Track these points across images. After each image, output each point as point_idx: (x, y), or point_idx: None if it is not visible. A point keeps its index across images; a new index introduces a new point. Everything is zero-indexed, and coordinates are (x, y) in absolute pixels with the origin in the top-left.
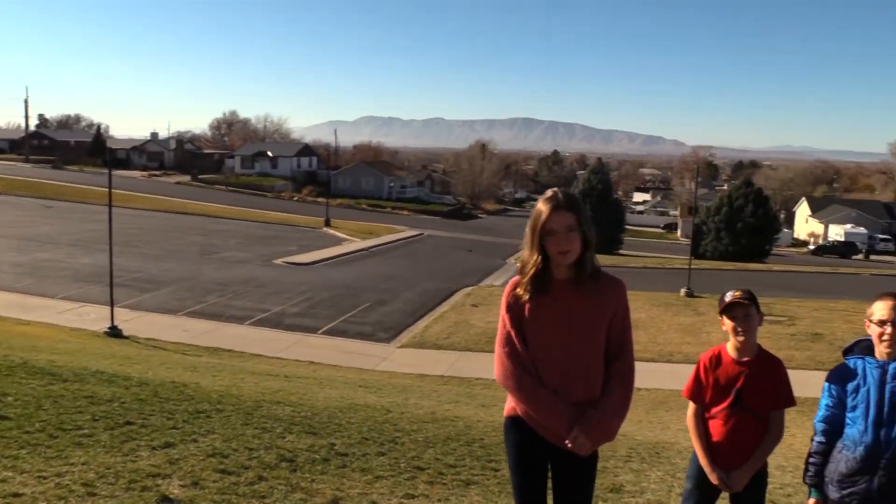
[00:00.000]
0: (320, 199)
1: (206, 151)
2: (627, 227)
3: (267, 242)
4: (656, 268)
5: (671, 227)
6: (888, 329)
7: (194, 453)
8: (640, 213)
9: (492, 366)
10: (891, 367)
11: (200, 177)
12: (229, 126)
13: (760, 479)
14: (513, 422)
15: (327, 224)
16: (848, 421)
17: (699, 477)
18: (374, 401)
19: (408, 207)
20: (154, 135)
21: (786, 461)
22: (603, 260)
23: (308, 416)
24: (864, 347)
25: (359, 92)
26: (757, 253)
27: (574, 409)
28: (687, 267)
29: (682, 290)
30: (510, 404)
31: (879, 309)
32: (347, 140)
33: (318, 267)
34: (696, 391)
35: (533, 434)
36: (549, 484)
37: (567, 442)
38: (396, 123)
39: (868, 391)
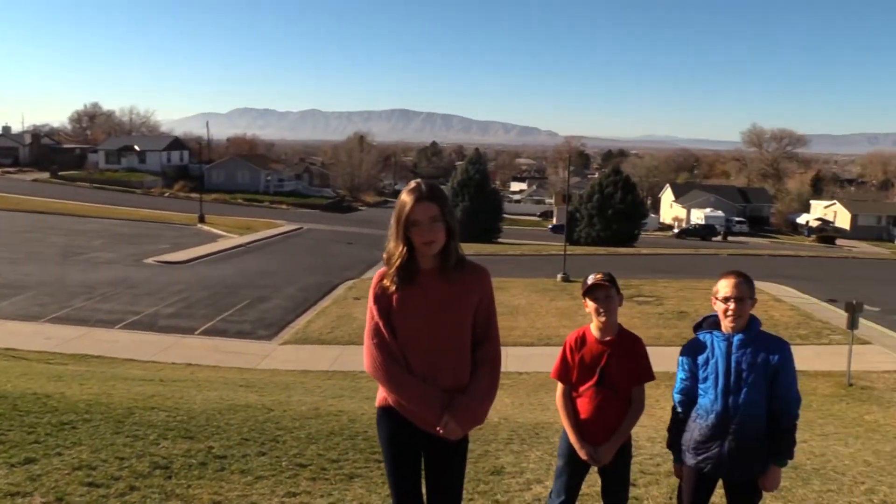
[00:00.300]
0: (193, 195)
1: (66, 146)
2: (505, 215)
3: (137, 241)
4: (534, 255)
5: (547, 215)
6: (731, 305)
7: (58, 467)
8: (518, 202)
9: None
10: (735, 340)
11: (61, 173)
12: (91, 119)
13: (626, 451)
14: (385, 412)
15: (202, 220)
16: (700, 391)
17: (569, 453)
18: (256, 400)
19: (286, 201)
20: (6, 129)
21: (656, 433)
22: (482, 248)
23: (184, 420)
24: (711, 322)
25: (232, 83)
26: (627, 237)
27: (443, 395)
28: (562, 253)
29: (559, 276)
30: (381, 395)
31: (723, 286)
32: (221, 133)
33: (193, 265)
34: (564, 372)
35: (405, 423)
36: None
37: (438, 428)
38: (272, 115)
39: (717, 363)
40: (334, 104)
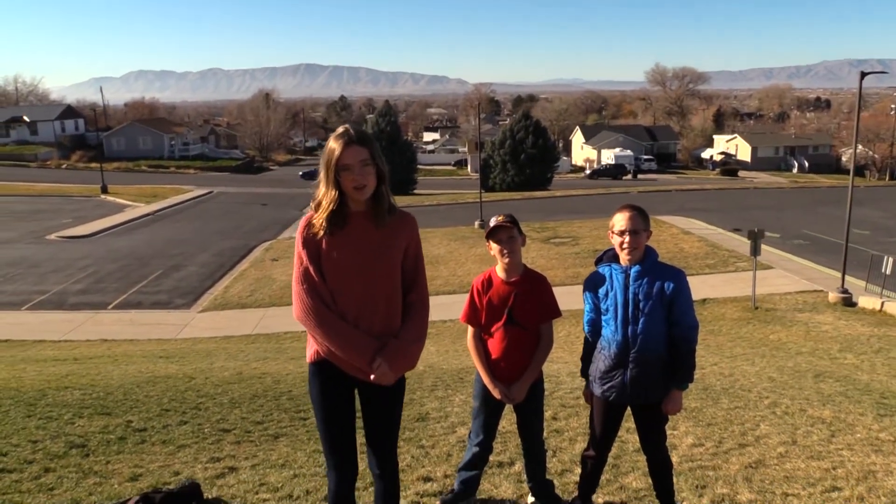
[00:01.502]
0: (93, 165)
1: None
2: (420, 166)
3: (36, 217)
4: (451, 203)
5: (461, 164)
6: (627, 238)
7: None
8: (431, 152)
9: None
10: (632, 272)
11: None
12: None
13: (538, 387)
14: (317, 367)
15: (104, 191)
16: (603, 323)
17: (484, 394)
18: (176, 370)
19: (193, 165)
20: None
21: (576, 367)
22: (398, 200)
23: (101, 396)
24: (611, 256)
25: (124, 45)
26: (541, 181)
27: (375, 341)
28: (478, 200)
29: (476, 223)
30: (312, 349)
31: (619, 220)
32: (117, 98)
33: (100, 238)
34: (472, 315)
35: (338, 374)
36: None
37: (371, 374)
38: (170, 77)
39: (615, 295)
40: (236, 62)
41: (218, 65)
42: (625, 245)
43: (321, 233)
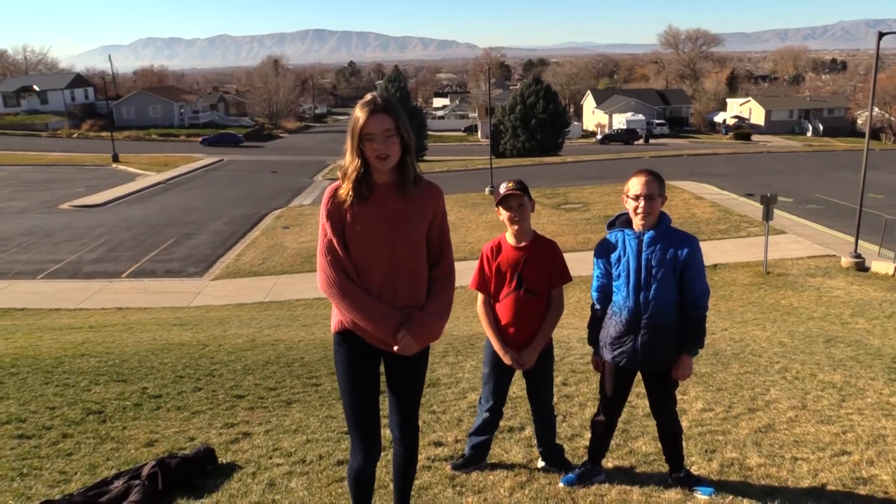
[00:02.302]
0: (104, 134)
1: None
2: (430, 132)
3: (49, 186)
4: (461, 170)
5: (471, 130)
6: (642, 203)
7: None
8: (441, 118)
9: (312, 285)
10: (646, 237)
11: None
12: None
13: (548, 353)
14: (342, 337)
15: (115, 160)
16: (614, 289)
17: (494, 360)
18: (190, 338)
19: (203, 133)
20: None
21: (585, 333)
22: None
23: (116, 364)
24: (623, 221)
25: (132, 12)
26: (552, 147)
27: (399, 313)
28: (489, 167)
29: (487, 189)
30: (336, 318)
31: (634, 185)
32: (126, 66)
33: (112, 207)
34: (482, 282)
35: (362, 345)
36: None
37: (395, 346)
38: (179, 44)
39: (628, 260)
40: (244, 28)
41: (226, 31)
42: (639, 210)
43: (346, 203)
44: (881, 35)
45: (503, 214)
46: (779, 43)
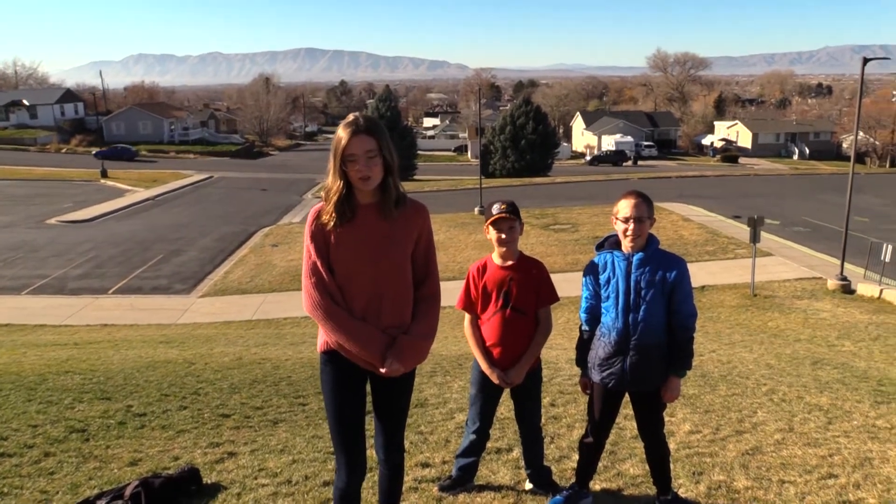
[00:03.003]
0: (93, 149)
1: None
2: (420, 152)
3: (35, 201)
4: (451, 190)
5: (462, 150)
6: (631, 225)
7: None
8: (431, 137)
9: (300, 303)
10: (635, 259)
11: None
12: None
13: (536, 372)
14: (328, 357)
15: (104, 175)
16: (603, 310)
17: (481, 381)
18: (176, 355)
19: (193, 150)
20: None
21: (573, 354)
22: None
23: (101, 381)
24: (612, 242)
25: (124, 28)
26: (541, 167)
27: (384, 336)
28: (478, 186)
29: (476, 209)
30: (322, 338)
31: (623, 207)
32: (116, 82)
33: (100, 222)
34: (468, 302)
35: (349, 365)
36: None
37: (382, 370)
38: (170, 61)
39: (617, 282)
40: (236, 46)
41: (218, 49)
42: (629, 232)
43: (329, 225)
44: (866, 61)
45: (492, 234)
46: (766, 67)
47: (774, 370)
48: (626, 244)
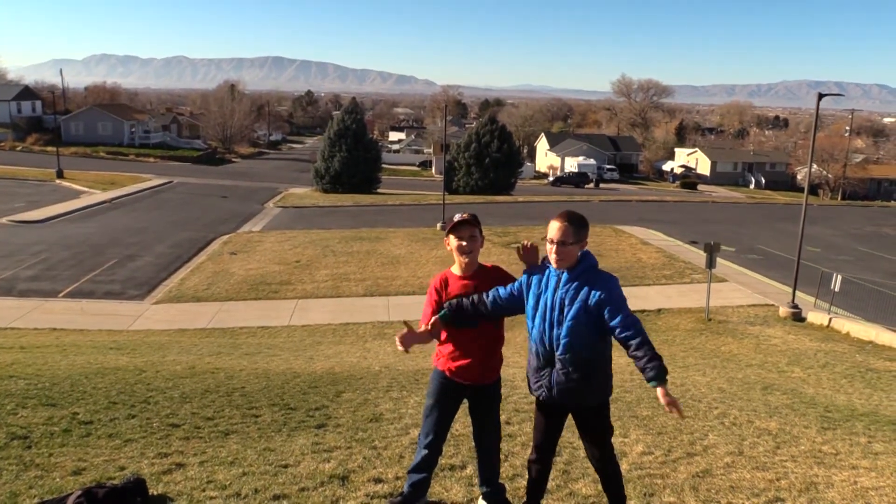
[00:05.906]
0: (49, 149)
1: None
2: (384, 165)
3: None
4: (413, 204)
5: (426, 165)
6: (554, 248)
7: None
8: (396, 151)
9: (257, 312)
10: (564, 277)
11: None
12: None
13: (495, 392)
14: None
15: (60, 175)
16: (529, 322)
17: (439, 392)
18: (127, 362)
19: (154, 154)
20: None
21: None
22: (361, 199)
23: (46, 387)
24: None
25: (88, 27)
26: (504, 186)
27: None
28: (441, 202)
29: (438, 225)
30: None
31: (551, 229)
32: (77, 81)
33: (54, 223)
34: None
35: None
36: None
37: None
38: (134, 62)
39: (547, 296)
40: (202, 50)
41: (184, 53)
42: (552, 253)
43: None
44: (821, 96)
45: (453, 243)
46: (726, 97)
47: (726, 394)
48: (552, 262)
